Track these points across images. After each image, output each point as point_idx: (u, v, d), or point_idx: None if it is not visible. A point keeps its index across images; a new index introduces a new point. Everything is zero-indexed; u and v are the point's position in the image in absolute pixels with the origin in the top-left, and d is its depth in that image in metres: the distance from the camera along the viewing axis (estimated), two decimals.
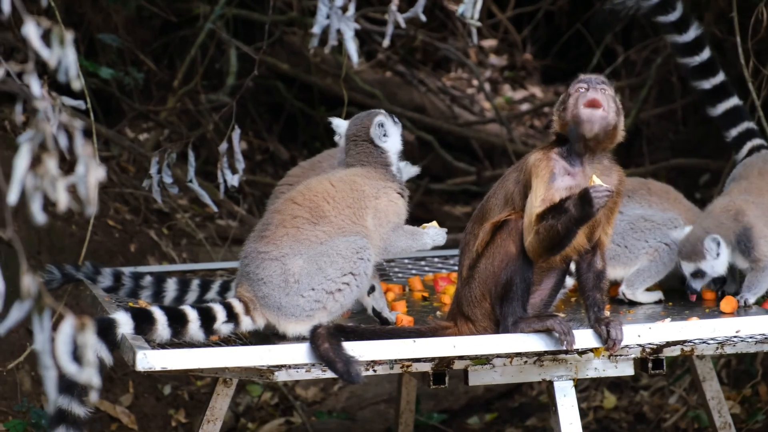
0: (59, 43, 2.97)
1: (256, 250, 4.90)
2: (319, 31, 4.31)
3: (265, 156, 11.26)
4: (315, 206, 4.94)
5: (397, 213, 5.10)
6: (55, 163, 2.87)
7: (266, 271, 4.84)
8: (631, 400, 8.24)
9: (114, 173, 9.04)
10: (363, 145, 5.21)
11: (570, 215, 4.48)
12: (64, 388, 4.37)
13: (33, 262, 7.36)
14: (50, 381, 2.92)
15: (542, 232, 4.55)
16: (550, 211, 4.53)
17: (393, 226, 5.06)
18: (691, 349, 4.96)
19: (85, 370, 2.91)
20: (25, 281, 2.85)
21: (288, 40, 11.27)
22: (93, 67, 8.51)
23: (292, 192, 5.10)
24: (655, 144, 10.00)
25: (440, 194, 11.78)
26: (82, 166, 2.90)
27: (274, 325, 4.85)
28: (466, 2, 4.17)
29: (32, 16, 2.88)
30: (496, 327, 4.72)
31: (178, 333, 4.66)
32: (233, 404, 8.08)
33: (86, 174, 2.91)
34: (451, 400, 8.39)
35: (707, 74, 5.98)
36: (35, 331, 2.94)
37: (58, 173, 2.88)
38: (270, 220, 4.97)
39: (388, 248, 5.05)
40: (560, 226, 4.51)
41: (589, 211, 4.47)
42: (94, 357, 2.93)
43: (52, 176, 2.88)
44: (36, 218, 2.90)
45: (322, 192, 4.99)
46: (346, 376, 4.43)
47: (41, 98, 2.95)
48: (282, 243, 4.87)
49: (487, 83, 13.10)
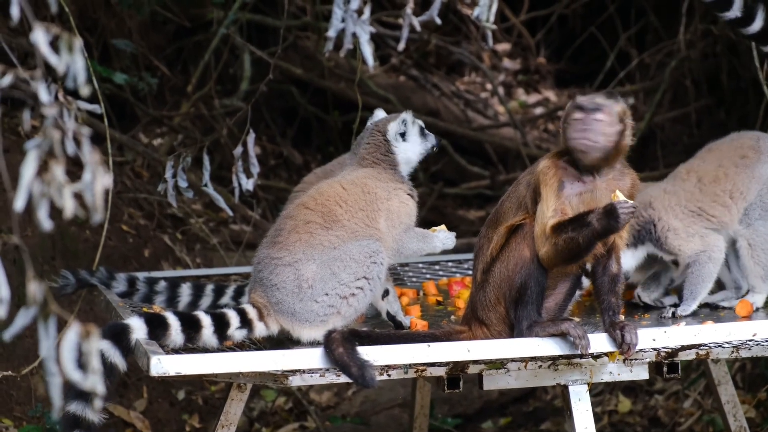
0: (68, 50, 2.97)
1: (269, 255, 4.90)
2: (334, 34, 4.31)
3: (278, 161, 11.26)
4: (328, 210, 4.94)
5: (408, 214, 5.10)
6: (62, 169, 2.87)
7: (280, 277, 4.84)
8: (645, 404, 8.22)
9: (128, 178, 9.06)
10: (376, 136, 5.20)
11: (593, 229, 4.48)
12: (77, 394, 4.37)
13: (47, 267, 7.37)
14: (55, 387, 2.92)
15: (561, 244, 4.54)
16: (570, 224, 4.53)
17: (405, 227, 5.06)
18: (706, 353, 4.94)
19: (90, 377, 2.91)
20: (30, 288, 2.85)
21: (302, 44, 11.28)
22: (107, 73, 8.53)
23: (303, 197, 5.10)
24: (669, 147, 9.98)
25: (454, 198, 11.77)
26: (89, 173, 2.89)
27: (288, 330, 4.85)
28: (481, 5, 4.16)
29: (41, 23, 2.88)
30: (510, 331, 4.71)
31: (192, 338, 4.66)
32: (247, 409, 8.08)
33: (93, 181, 2.91)
34: (466, 404, 8.38)
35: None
36: (40, 337, 2.94)
37: (65, 180, 2.88)
38: (282, 226, 4.97)
39: (400, 250, 5.05)
40: (581, 239, 4.51)
41: (614, 226, 4.48)
42: (98, 364, 2.93)
43: (59, 183, 2.88)
44: (42, 225, 2.90)
45: (334, 196, 4.98)
46: (360, 380, 4.43)
47: (50, 104, 2.95)
48: (295, 248, 4.87)
49: (500, 87, 13.09)
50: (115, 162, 8.87)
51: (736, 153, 5.50)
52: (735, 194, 5.41)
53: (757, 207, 5.41)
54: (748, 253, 5.39)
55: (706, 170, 5.48)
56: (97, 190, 2.89)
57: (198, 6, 10.05)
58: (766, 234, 5.39)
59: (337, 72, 11.23)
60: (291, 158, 11.32)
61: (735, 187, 5.42)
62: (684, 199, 5.42)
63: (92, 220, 2.94)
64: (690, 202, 5.41)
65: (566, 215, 4.57)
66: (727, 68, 9.34)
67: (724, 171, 5.46)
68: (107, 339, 4.47)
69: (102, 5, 9.32)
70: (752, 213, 5.40)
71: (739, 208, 5.41)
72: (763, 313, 5.37)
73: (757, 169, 5.44)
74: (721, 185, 5.43)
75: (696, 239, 5.36)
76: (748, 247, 5.39)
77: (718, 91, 9.74)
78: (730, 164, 5.47)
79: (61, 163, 2.88)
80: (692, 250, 5.35)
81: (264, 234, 5.21)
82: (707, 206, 5.40)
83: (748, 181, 5.42)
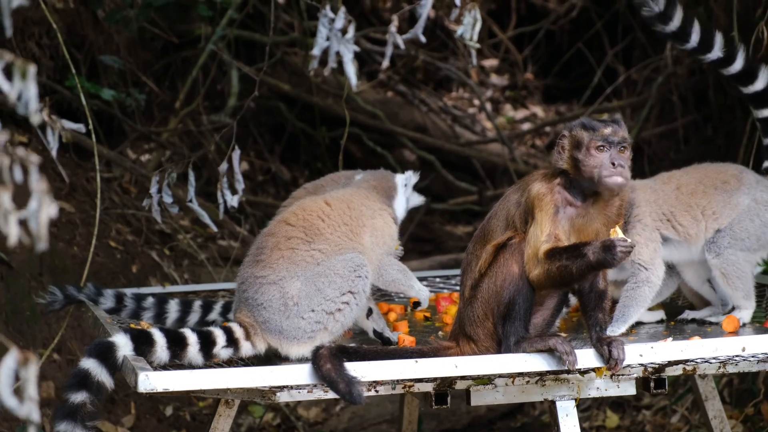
0: (21, 76, 2.96)
1: (253, 275, 4.88)
2: (318, 52, 4.33)
3: (266, 176, 11.27)
4: (309, 225, 4.93)
5: (391, 236, 5.13)
6: (8, 196, 2.86)
7: (265, 296, 4.83)
8: (633, 419, 8.23)
9: (116, 194, 9.06)
10: (384, 172, 5.34)
11: (587, 261, 4.48)
12: (66, 414, 4.37)
13: (34, 283, 7.37)
14: None
15: (554, 271, 4.54)
16: (564, 252, 4.53)
17: (388, 249, 5.08)
18: (693, 369, 4.95)
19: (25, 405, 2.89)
20: None
21: (290, 60, 11.29)
22: (95, 89, 8.54)
23: (284, 213, 5.10)
24: (656, 163, 10.00)
25: (442, 214, 11.79)
26: (35, 202, 2.89)
27: (277, 348, 4.85)
28: (465, 24, 4.19)
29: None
30: (498, 347, 4.71)
31: (177, 356, 4.65)
32: (235, 425, 8.07)
33: (38, 210, 2.90)
34: (454, 420, 8.38)
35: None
36: None
37: (11, 207, 2.87)
38: (264, 244, 4.95)
39: (381, 273, 5.07)
40: (575, 269, 4.51)
41: (610, 262, 4.48)
42: (35, 393, 2.91)
43: (5, 210, 2.87)
44: None
45: (317, 210, 4.99)
46: (348, 396, 4.42)
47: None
48: (278, 266, 4.86)
49: (488, 103, 13.13)
50: (103, 178, 8.88)
51: (719, 177, 5.54)
52: (707, 212, 5.44)
53: (727, 235, 5.43)
54: (724, 282, 5.42)
55: (686, 181, 5.52)
56: (42, 219, 2.88)
57: (186, 22, 10.07)
58: (736, 262, 5.41)
59: (324, 88, 11.25)
60: (279, 174, 11.33)
61: (709, 205, 5.45)
62: (660, 200, 5.45)
63: (36, 248, 2.93)
64: (665, 204, 5.44)
65: (559, 240, 4.57)
66: (714, 84, 9.37)
67: (703, 188, 5.49)
68: (93, 357, 4.46)
69: (90, 21, 9.33)
70: (721, 241, 5.43)
71: (708, 228, 5.44)
72: (750, 328, 5.38)
73: (734, 196, 5.47)
74: (696, 199, 5.46)
75: (650, 249, 5.38)
76: (723, 276, 5.42)
77: (705, 107, 9.77)
78: (710, 184, 5.51)
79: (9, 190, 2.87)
80: (639, 258, 5.36)
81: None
82: (678, 213, 5.43)
83: (722, 205, 5.45)
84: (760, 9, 6.99)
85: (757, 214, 5.45)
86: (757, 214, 5.45)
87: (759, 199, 5.47)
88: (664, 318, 5.55)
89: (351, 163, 10.62)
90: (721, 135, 9.37)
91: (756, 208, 5.46)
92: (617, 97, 11.50)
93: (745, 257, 5.41)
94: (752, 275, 5.46)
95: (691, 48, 5.65)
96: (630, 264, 5.35)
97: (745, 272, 5.41)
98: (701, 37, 5.62)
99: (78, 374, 4.43)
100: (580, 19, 12.78)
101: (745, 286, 5.40)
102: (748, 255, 5.43)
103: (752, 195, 5.48)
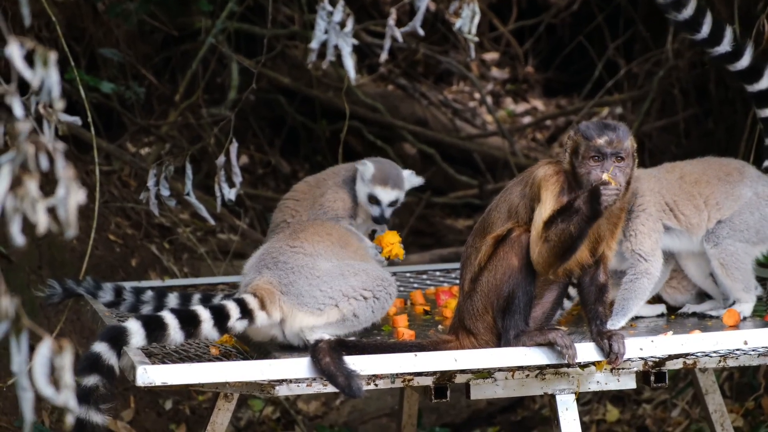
0: (43, 64, 2.95)
1: (288, 244, 5.04)
2: (317, 46, 4.32)
3: (266, 170, 11.26)
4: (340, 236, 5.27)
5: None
6: (35, 184, 2.85)
7: (297, 262, 4.96)
8: (633, 413, 8.22)
9: (115, 188, 9.04)
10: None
11: (581, 214, 4.45)
12: (80, 398, 4.36)
13: (34, 276, 7.36)
14: (27, 403, 2.88)
15: (553, 237, 4.52)
16: (558, 215, 4.51)
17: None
18: (694, 362, 4.94)
19: (63, 393, 2.88)
20: (2, 303, 2.82)
21: (289, 53, 11.28)
22: (94, 82, 8.52)
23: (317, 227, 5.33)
24: (657, 156, 9.99)
25: (442, 207, 11.78)
26: (62, 189, 2.87)
27: (287, 316, 4.85)
28: (464, 17, 4.17)
29: (16, 37, 2.86)
30: (497, 340, 4.70)
31: (192, 334, 4.64)
32: (234, 419, 8.07)
33: (66, 196, 2.89)
34: (453, 414, 8.38)
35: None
36: (12, 352, 2.90)
37: (38, 195, 2.86)
38: (303, 228, 5.21)
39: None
40: (572, 227, 4.48)
41: (600, 208, 4.45)
42: (71, 380, 2.90)
43: (32, 198, 2.86)
44: (15, 240, 2.88)
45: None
46: (347, 390, 4.42)
47: (23, 120, 2.92)
48: (316, 246, 5.07)
49: (489, 96, 13.11)
50: (102, 171, 8.86)
51: (722, 169, 5.54)
52: (710, 202, 5.43)
53: (726, 226, 5.42)
54: (722, 272, 5.40)
55: (689, 171, 5.52)
56: (71, 206, 2.87)
57: (185, 15, 10.05)
58: (735, 252, 5.40)
59: (324, 81, 11.24)
60: (279, 167, 11.32)
61: (712, 195, 5.44)
62: (664, 189, 5.44)
63: (66, 235, 2.91)
64: (668, 193, 5.43)
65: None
66: (715, 78, 9.36)
67: (707, 179, 5.48)
68: (105, 341, 4.45)
69: (89, 14, 9.31)
70: (720, 231, 5.42)
71: (710, 218, 5.43)
72: (751, 322, 5.37)
73: (737, 188, 5.47)
74: (699, 188, 5.45)
75: (652, 240, 5.36)
76: (721, 266, 5.40)
77: (706, 101, 9.76)
78: (713, 175, 5.50)
79: (35, 178, 2.85)
80: (641, 248, 5.34)
81: (252, 243, 5.23)
82: (681, 202, 5.42)
83: (725, 196, 5.44)
84: (761, 2, 6.97)
85: (757, 208, 5.45)
86: (757, 207, 5.45)
87: (761, 193, 5.47)
88: (665, 312, 5.54)
89: (351, 156, 10.56)
90: (722, 129, 9.36)
91: (757, 202, 5.45)
92: (618, 91, 11.48)
93: (743, 249, 5.40)
94: (752, 269, 5.45)
95: (701, 39, 5.62)
96: (630, 254, 5.33)
97: (744, 264, 5.40)
98: (712, 29, 5.60)
99: (89, 357, 4.43)
100: (581, 13, 12.75)
101: (744, 278, 5.39)
102: (746, 247, 5.42)
103: (754, 188, 5.47)
